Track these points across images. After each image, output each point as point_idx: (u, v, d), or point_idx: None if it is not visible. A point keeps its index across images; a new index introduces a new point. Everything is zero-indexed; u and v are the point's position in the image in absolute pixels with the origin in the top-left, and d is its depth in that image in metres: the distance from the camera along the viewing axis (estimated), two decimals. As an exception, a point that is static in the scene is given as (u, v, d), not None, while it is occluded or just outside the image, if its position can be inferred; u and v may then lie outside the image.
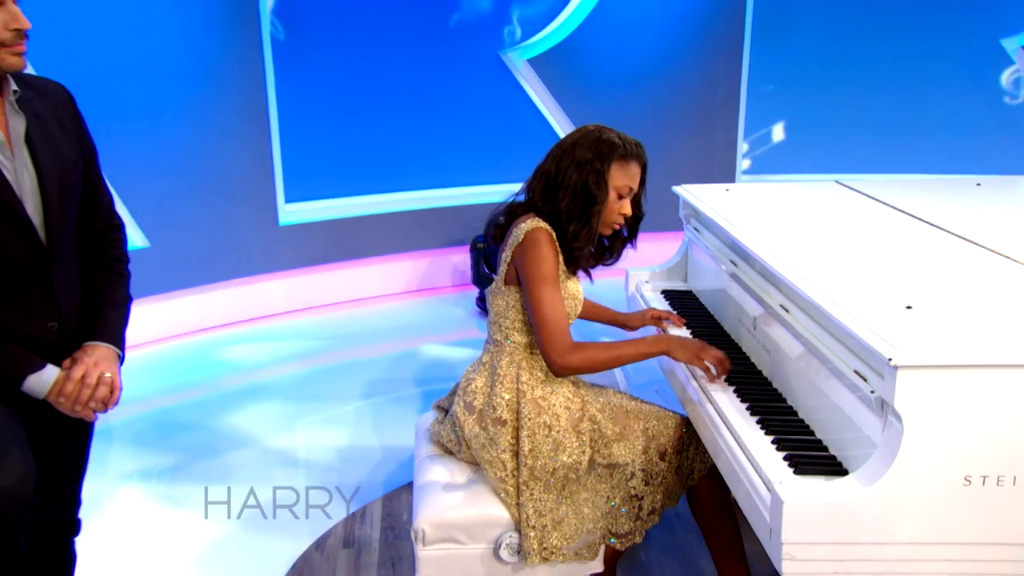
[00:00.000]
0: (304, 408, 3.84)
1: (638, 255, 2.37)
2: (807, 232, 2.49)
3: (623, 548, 2.11)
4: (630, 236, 2.24)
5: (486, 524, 2.02)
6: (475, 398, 2.13)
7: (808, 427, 1.89)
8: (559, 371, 2.04)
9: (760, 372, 2.19)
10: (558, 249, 2.08)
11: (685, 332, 2.50)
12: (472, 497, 2.06)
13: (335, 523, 2.87)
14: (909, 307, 1.73)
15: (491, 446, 2.06)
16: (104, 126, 2.39)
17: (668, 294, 2.88)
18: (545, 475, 2.01)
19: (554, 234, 2.07)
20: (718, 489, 2.12)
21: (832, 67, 5.77)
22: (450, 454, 2.25)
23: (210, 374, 4.23)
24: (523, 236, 2.05)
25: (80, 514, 2.06)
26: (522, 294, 2.09)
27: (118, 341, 1.92)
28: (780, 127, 5.97)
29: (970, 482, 1.55)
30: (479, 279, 5.03)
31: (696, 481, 2.15)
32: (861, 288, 1.87)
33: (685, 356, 2.08)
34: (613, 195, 2.10)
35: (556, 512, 2.01)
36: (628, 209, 2.14)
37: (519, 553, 2.01)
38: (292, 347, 4.58)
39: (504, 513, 2.03)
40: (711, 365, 2.06)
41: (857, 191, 2.94)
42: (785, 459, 1.75)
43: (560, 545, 2.00)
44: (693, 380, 2.13)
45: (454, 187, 5.48)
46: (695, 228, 2.87)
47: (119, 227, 2.03)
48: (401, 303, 5.28)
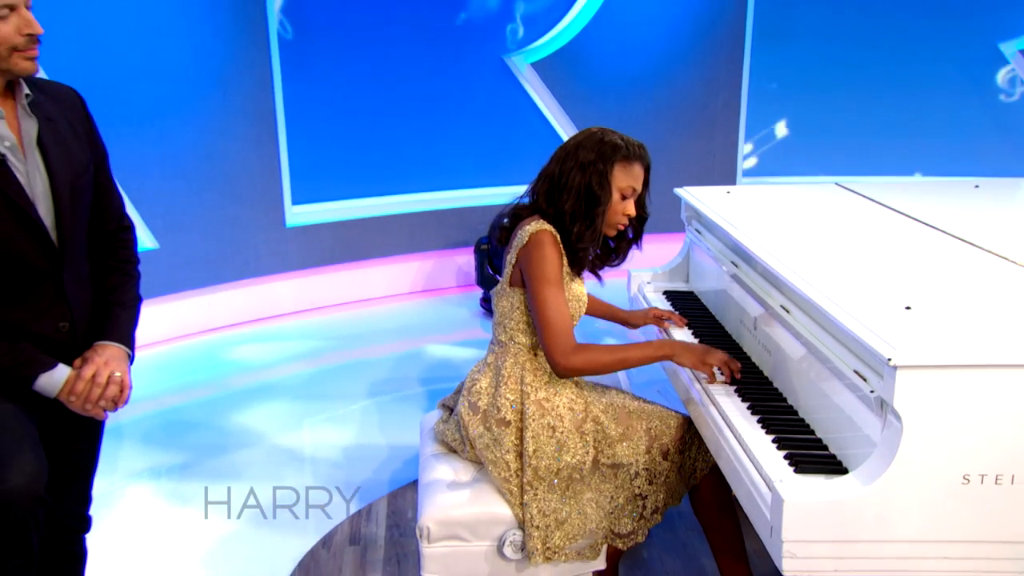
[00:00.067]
0: (311, 407, 3.85)
1: (640, 256, 2.37)
2: (807, 234, 2.49)
3: (625, 548, 2.11)
4: (635, 237, 2.23)
5: (490, 522, 2.02)
6: (480, 398, 2.13)
7: (808, 426, 1.89)
8: (562, 372, 2.04)
9: (761, 372, 2.18)
10: (562, 251, 2.07)
11: (687, 332, 2.50)
12: (476, 495, 2.06)
13: (341, 520, 2.87)
14: (908, 308, 1.73)
15: (495, 446, 2.06)
16: (114, 129, 2.40)
17: (670, 295, 2.88)
18: (549, 475, 2.01)
19: (558, 236, 2.07)
20: (720, 488, 2.12)
21: (832, 70, 5.77)
22: (454, 453, 2.25)
23: (218, 373, 4.23)
24: (527, 238, 2.05)
25: (91, 511, 2.06)
26: (526, 296, 2.09)
27: (128, 341, 1.92)
28: (781, 129, 5.96)
29: (968, 481, 1.55)
30: (483, 280, 5.03)
31: (699, 480, 2.15)
32: (861, 289, 1.87)
33: (690, 361, 2.06)
34: (616, 196, 2.10)
35: (560, 512, 2.01)
36: (632, 210, 2.13)
37: (522, 550, 2.01)
38: (299, 347, 4.59)
39: (508, 511, 2.03)
40: (717, 370, 2.05)
41: (857, 193, 2.93)
42: (786, 458, 1.75)
43: (563, 545, 2.00)
44: (696, 382, 2.12)
45: (459, 189, 5.48)
46: (696, 230, 2.87)
47: (129, 229, 2.03)
48: (406, 303, 5.28)
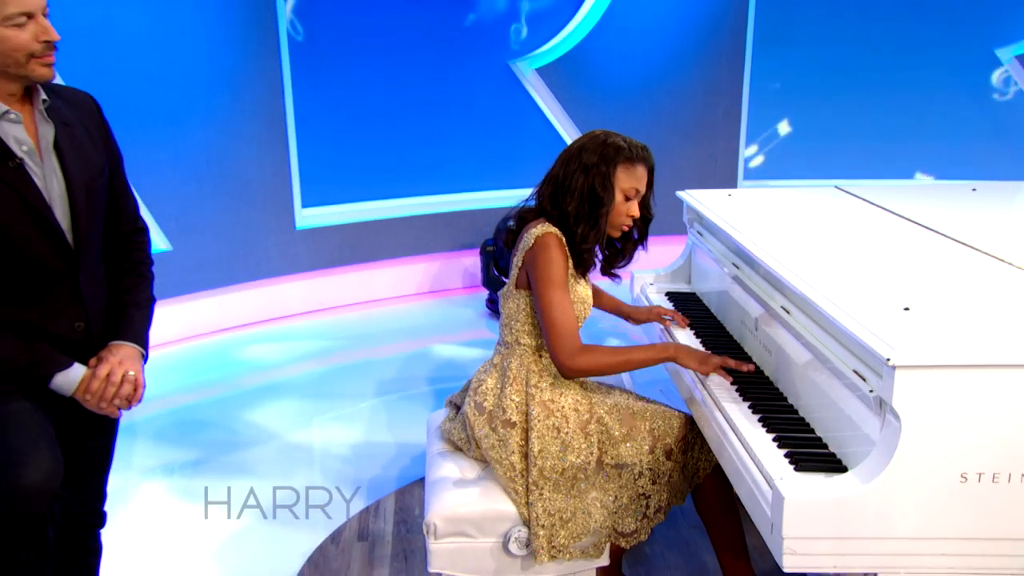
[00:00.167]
0: (320, 405, 3.85)
1: (643, 258, 2.37)
2: (807, 236, 2.48)
3: (628, 547, 2.10)
4: (640, 238, 2.23)
5: (495, 519, 2.02)
6: (486, 399, 2.12)
7: (808, 425, 1.89)
8: (567, 373, 2.03)
9: (762, 372, 2.18)
10: (567, 253, 2.07)
11: (689, 333, 2.49)
12: (482, 492, 2.06)
13: (350, 517, 2.87)
14: (907, 309, 1.72)
15: (501, 447, 2.05)
16: (129, 134, 2.41)
17: (672, 296, 2.87)
18: (554, 475, 2.00)
19: (563, 238, 2.06)
20: (722, 487, 2.11)
21: (832, 76, 5.76)
22: (460, 451, 2.25)
23: (230, 373, 4.24)
24: (533, 241, 2.05)
25: (105, 507, 2.07)
26: (532, 298, 2.08)
27: (142, 340, 1.93)
28: (782, 133, 5.95)
29: (966, 479, 1.54)
30: (489, 281, 5.03)
31: (701, 479, 2.14)
32: (860, 290, 1.86)
33: (694, 364, 2.05)
34: (620, 197, 2.09)
35: (564, 512, 2.00)
36: (635, 211, 2.12)
37: (527, 547, 2.01)
38: (308, 347, 4.59)
39: (513, 508, 2.03)
40: (720, 371, 2.03)
41: (856, 196, 2.93)
42: (786, 456, 1.74)
43: (568, 543, 2.00)
44: (699, 383, 2.11)
45: (465, 192, 5.48)
46: (698, 232, 2.87)
47: (143, 231, 2.04)
48: (413, 304, 5.28)
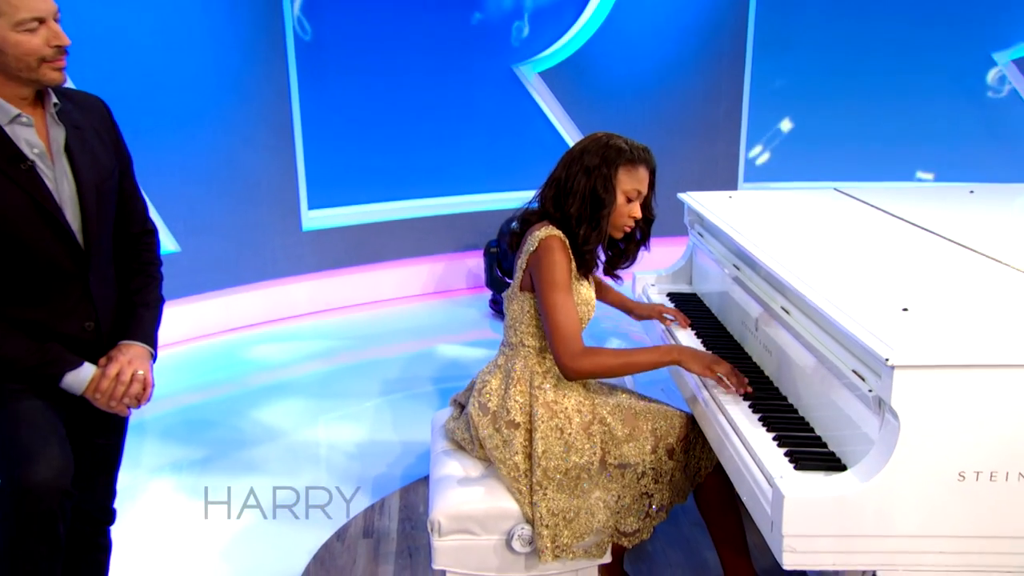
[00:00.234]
0: (326, 404, 3.85)
1: (645, 259, 2.36)
2: (807, 237, 2.48)
3: (630, 545, 2.10)
4: (643, 239, 2.22)
5: (499, 516, 2.02)
6: (490, 399, 2.12)
7: (808, 424, 1.88)
8: (570, 375, 2.02)
9: (762, 372, 2.18)
10: (571, 255, 2.06)
11: (690, 333, 2.49)
12: (486, 491, 2.06)
13: (355, 514, 2.87)
14: (905, 309, 1.72)
15: (505, 447, 2.05)
16: (139, 137, 2.41)
17: (673, 297, 2.87)
18: (558, 475, 2.00)
19: (567, 240, 2.05)
20: (723, 485, 2.10)
21: (831, 79, 5.76)
22: (464, 449, 2.25)
23: (237, 372, 4.24)
24: (537, 244, 2.04)
25: (115, 503, 2.07)
26: (536, 300, 2.07)
27: (151, 340, 1.93)
28: (781, 135, 5.95)
29: (964, 478, 1.54)
30: (492, 282, 5.03)
31: (703, 479, 2.14)
32: (859, 291, 1.86)
33: (698, 368, 2.02)
34: (621, 199, 2.08)
35: (568, 511, 1.99)
36: (637, 212, 2.11)
37: (530, 544, 2.01)
38: (314, 346, 4.60)
39: (516, 506, 2.03)
40: (723, 377, 2.01)
41: (855, 198, 2.92)
42: (786, 455, 1.74)
43: (571, 543, 1.99)
44: (701, 385, 2.10)
45: (469, 194, 5.48)
46: (699, 233, 2.86)
47: (152, 232, 2.04)
48: (418, 305, 5.29)
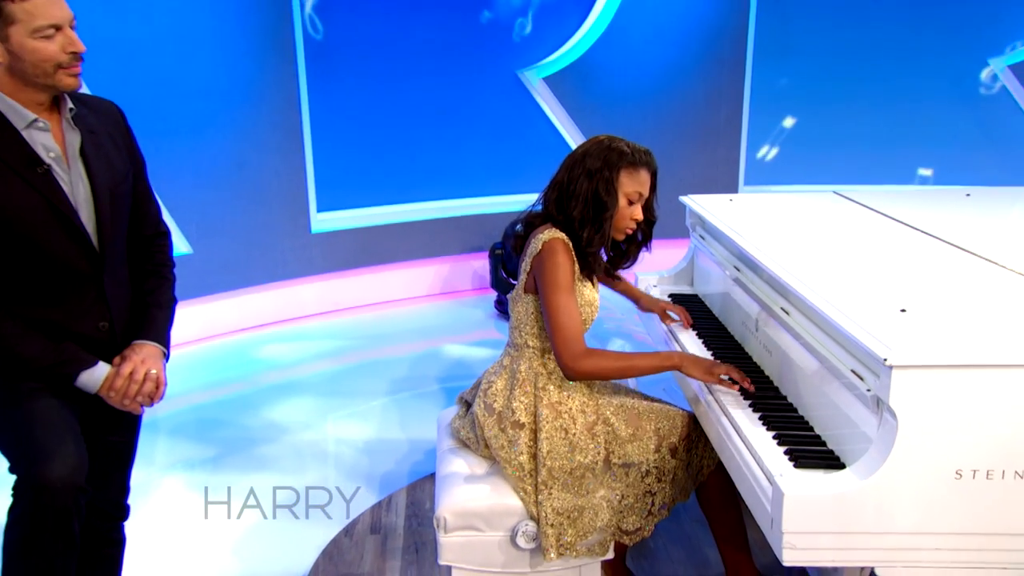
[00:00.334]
0: (334, 403, 3.85)
1: (647, 260, 2.36)
2: (807, 240, 2.47)
3: (631, 543, 2.10)
4: (644, 240, 2.21)
5: (504, 513, 2.02)
6: (495, 400, 2.11)
7: (808, 423, 1.88)
8: (571, 376, 2.01)
9: (762, 371, 2.17)
10: (574, 257, 2.05)
11: (692, 333, 2.49)
12: (491, 488, 2.06)
13: (363, 511, 2.87)
14: (903, 310, 1.71)
15: (510, 448, 2.04)
16: (152, 141, 2.41)
17: (675, 298, 2.86)
18: (563, 475, 1.99)
19: (570, 243, 2.05)
20: (725, 483, 2.09)
21: (830, 83, 5.75)
22: (470, 447, 2.25)
23: (247, 371, 4.25)
24: (540, 246, 2.03)
25: (129, 500, 2.08)
26: (539, 302, 2.07)
27: (164, 340, 1.94)
28: (781, 139, 5.94)
29: (961, 476, 1.53)
30: (497, 283, 5.03)
31: (705, 477, 2.13)
32: (858, 292, 1.86)
33: (698, 373, 2.01)
34: (623, 201, 2.07)
35: (573, 511, 1.99)
36: (639, 214, 2.11)
37: (535, 540, 2.01)
38: (323, 346, 4.60)
39: (520, 503, 2.02)
40: (725, 377, 2.00)
41: (854, 201, 2.91)
42: (786, 453, 1.74)
43: (575, 541, 1.99)
44: (704, 389, 2.08)
45: (474, 197, 5.48)
46: (700, 236, 2.86)
47: (165, 234, 2.04)
48: (424, 305, 5.29)
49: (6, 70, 1.68)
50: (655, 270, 2.99)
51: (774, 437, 1.80)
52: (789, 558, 1.57)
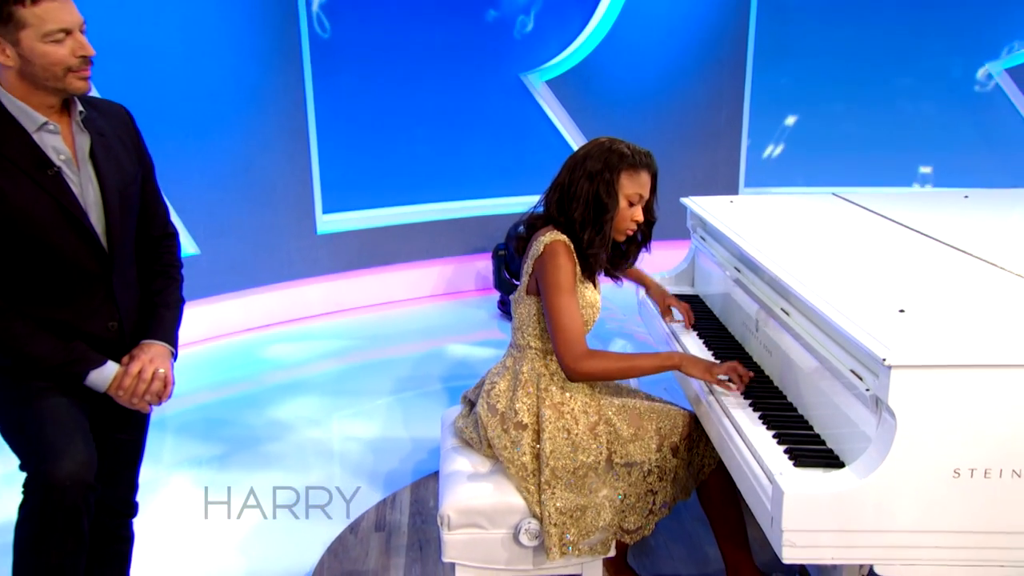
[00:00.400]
0: (339, 402, 3.86)
1: (648, 261, 2.36)
2: (806, 241, 2.47)
3: (632, 542, 2.10)
4: (644, 240, 2.21)
5: (506, 511, 2.02)
6: (498, 401, 2.11)
7: (807, 423, 1.88)
8: (573, 376, 2.01)
9: (763, 371, 2.17)
10: (575, 259, 2.05)
11: (693, 333, 2.48)
12: (494, 486, 2.06)
13: (368, 508, 2.88)
14: (902, 311, 1.71)
15: (513, 448, 2.04)
16: (160, 144, 2.42)
17: (676, 298, 2.86)
18: (566, 475, 1.99)
19: (571, 245, 2.05)
20: (726, 481, 2.09)
21: (830, 86, 5.75)
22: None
23: (254, 371, 4.26)
24: (542, 249, 2.03)
25: (137, 497, 2.08)
26: (541, 303, 2.07)
27: (172, 339, 1.94)
28: (781, 142, 5.94)
29: (959, 474, 1.53)
30: (500, 284, 5.04)
31: (707, 476, 2.13)
32: (857, 293, 1.86)
33: (698, 372, 2.01)
34: (624, 203, 2.07)
35: (576, 510, 1.99)
36: (639, 216, 2.11)
37: (537, 538, 2.01)
38: (328, 346, 4.61)
39: (523, 501, 2.03)
40: (724, 377, 1.99)
41: (853, 203, 2.91)
42: (786, 452, 1.74)
43: (577, 540, 1.99)
44: (706, 390, 2.08)
45: (477, 199, 5.49)
46: (701, 237, 2.86)
47: (173, 235, 2.05)
48: (428, 306, 5.29)
49: (17, 74, 1.68)
50: (656, 271, 2.98)
51: (774, 436, 1.80)
52: (789, 556, 1.57)
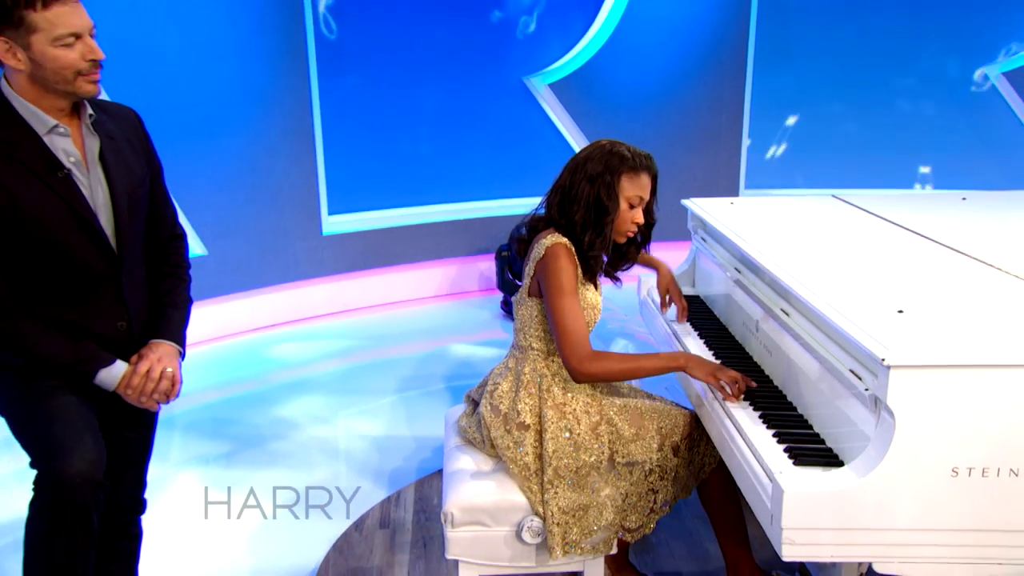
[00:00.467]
0: (344, 401, 3.86)
1: (650, 263, 2.36)
2: (806, 242, 2.47)
3: (633, 540, 2.09)
4: (644, 242, 2.21)
5: (509, 509, 2.02)
6: (501, 402, 2.11)
7: (807, 422, 1.88)
8: (578, 378, 2.01)
9: (763, 371, 2.17)
10: (576, 261, 2.04)
11: (694, 334, 2.48)
12: (497, 484, 2.06)
13: (372, 506, 2.88)
14: (901, 311, 1.71)
15: (516, 448, 2.04)
16: (169, 146, 2.42)
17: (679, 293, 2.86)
18: (568, 474, 1.99)
19: (572, 247, 2.04)
20: (726, 480, 2.08)
21: (830, 89, 5.75)
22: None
23: (260, 370, 4.26)
24: (544, 251, 2.03)
25: (145, 494, 2.09)
26: (543, 305, 2.06)
27: (179, 339, 1.94)
28: (781, 144, 5.93)
29: (957, 473, 1.53)
30: (503, 284, 5.04)
31: (707, 475, 2.13)
32: (856, 294, 1.86)
33: (702, 374, 2.00)
34: (624, 205, 2.07)
35: (578, 509, 1.99)
36: (640, 218, 2.10)
37: (540, 536, 2.01)
38: (333, 346, 4.61)
39: (525, 499, 2.03)
40: (726, 385, 1.98)
41: (852, 205, 2.91)
42: (785, 451, 1.74)
43: (580, 539, 1.99)
44: (708, 391, 2.07)
45: (481, 200, 5.49)
46: (702, 238, 2.86)
47: (181, 236, 2.05)
48: (432, 306, 5.29)
49: (28, 77, 1.69)
50: (658, 272, 2.99)
51: (774, 435, 1.80)
52: (788, 553, 1.57)
